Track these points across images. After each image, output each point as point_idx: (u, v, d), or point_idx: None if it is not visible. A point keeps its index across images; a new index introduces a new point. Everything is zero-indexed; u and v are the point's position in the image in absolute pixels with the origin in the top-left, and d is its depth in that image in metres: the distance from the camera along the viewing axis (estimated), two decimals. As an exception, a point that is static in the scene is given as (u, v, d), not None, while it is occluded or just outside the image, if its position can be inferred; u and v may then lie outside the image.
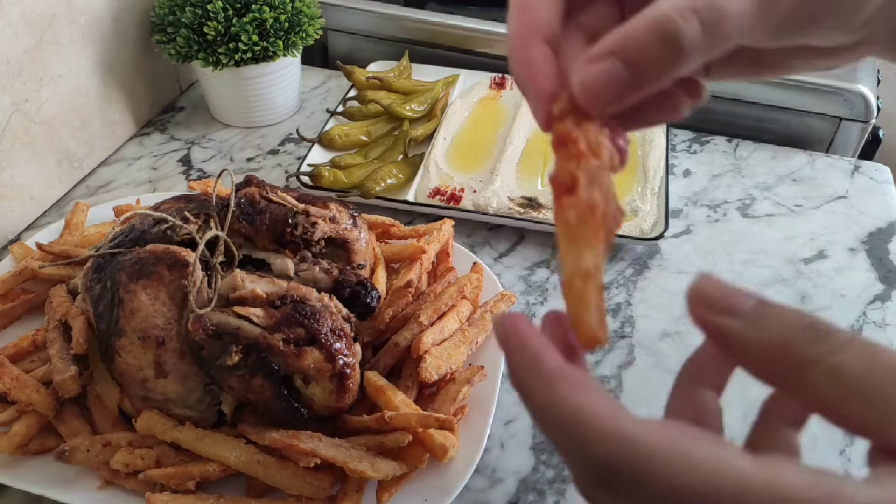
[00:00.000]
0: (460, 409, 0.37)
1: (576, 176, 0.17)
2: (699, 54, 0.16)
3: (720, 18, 0.15)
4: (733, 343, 0.15)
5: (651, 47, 0.16)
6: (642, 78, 0.16)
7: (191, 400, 0.36)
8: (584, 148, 0.17)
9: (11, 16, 0.48)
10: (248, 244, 0.39)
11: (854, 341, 0.15)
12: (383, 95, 0.63)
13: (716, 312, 0.15)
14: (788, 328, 0.15)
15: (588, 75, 0.16)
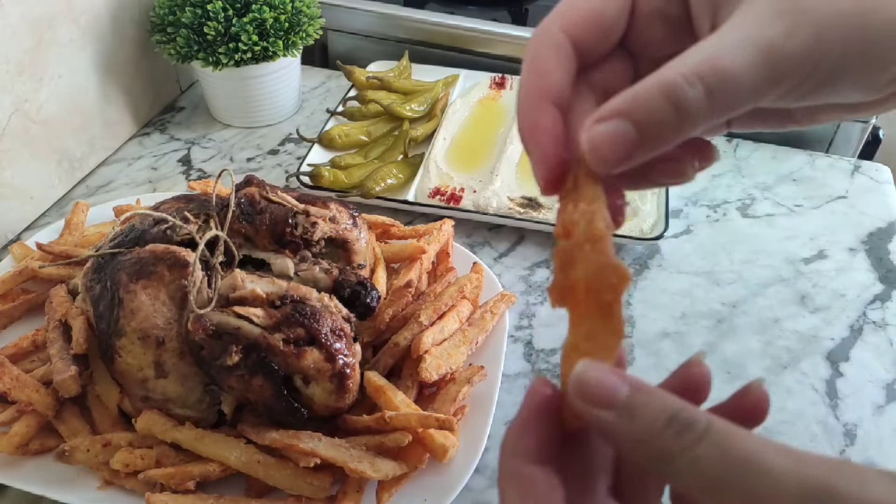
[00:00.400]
0: (460, 409, 0.37)
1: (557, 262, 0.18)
2: (706, 118, 0.16)
3: (725, 85, 0.16)
4: (608, 434, 0.16)
5: (658, 110, 0.16)
6: (650, 139, 0.16)
7: (191, 400, 0.36)
8: (560, 231, 0.18)
9: (11, 16, 0.48)
10: (248, 244, 0.39)
11: (709, 432, 0.15)
12: (383, 95, 0.63)
13: (592, 404, 0.16)
14: (654, 421, 0.15)
15: (597, 134, 0.16)
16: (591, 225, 0.17)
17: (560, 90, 0.18)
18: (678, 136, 0.17)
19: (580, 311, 0.17)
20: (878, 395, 0.44)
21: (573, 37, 0.18)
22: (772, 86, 0.16)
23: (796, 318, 0.48)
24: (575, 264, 0.17)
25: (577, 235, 0.17)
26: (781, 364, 0.45)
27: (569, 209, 0.17)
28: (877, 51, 0.17)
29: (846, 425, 0.42)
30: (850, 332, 0.48)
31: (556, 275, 0.17)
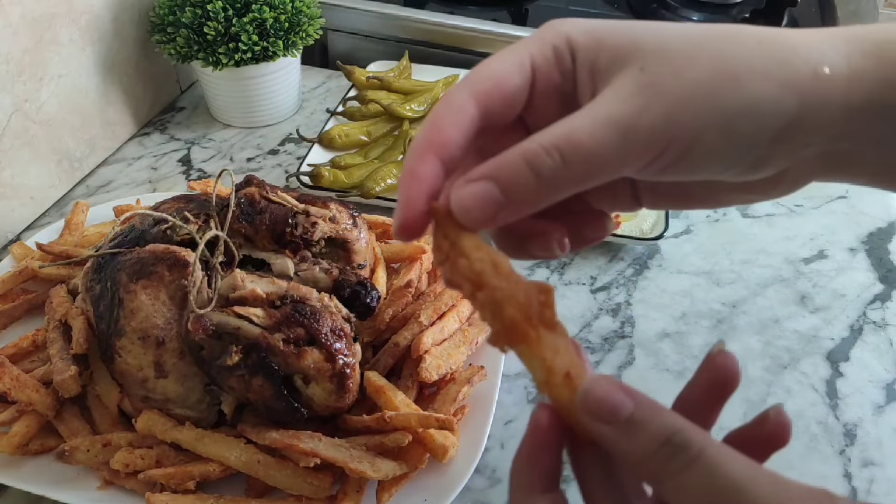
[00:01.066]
0: (460, 409, 0.37)
1: (482, 318, 0.18)
2: (565, 185, 0.18)
3: (580, 156, 0.17)
4: (608, 447, 0.17)
5: (520, 175, 0.17)
6: (513, 201, 0.18)
7: (191, 400, 0.36)
8: (469, 289, 0.18)
9: (11, 16, 0.48)
10: (248, 244, 0.39)
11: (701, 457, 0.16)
12: (383, 95, 0.63)
13: (596, 419, 0.17)
14: (651, 441, 0.16)
15: (465, 193, 0.18)
16: (497, 264, 0.18)
17: (446, 145, 0.18)
18: (540, 199, 0.18)
19: (531, 340, 0.17)
20: (878, 395, 0.44)
21: (478, 101, 0.19)
22: (627, 158, 0.17)
23: (796, 318, 0.48)
24: (503, 306, 0.18)
25: (489, 280, 0.18)
26: (781, 364, 0.45)
27: (462, 266, 0.18)
28: (736, 129, 0.17)
29: (846, 425, 0.42)
30: (850, 332, 0.47)
31: (493, 325, 0.18)
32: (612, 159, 0.17)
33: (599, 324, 0.47)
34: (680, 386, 0.20)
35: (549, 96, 0.20)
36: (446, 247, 0.18)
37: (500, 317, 0.17)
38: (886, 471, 0.39)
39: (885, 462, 0.40)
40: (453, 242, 0.18)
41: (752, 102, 0.17)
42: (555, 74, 0.19)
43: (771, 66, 0.17)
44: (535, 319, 0.17)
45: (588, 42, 0.19)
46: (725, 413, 0.20)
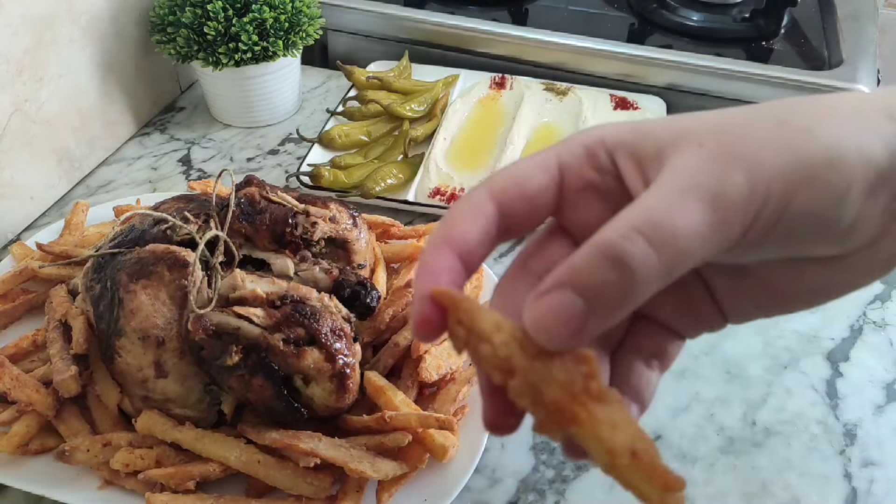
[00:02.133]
0: (460, 409, 0.37)
1: (522, 407, 0.16)
2: (655, 276, 0.15)
3: (666, 235, 0.15)
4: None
5: (602, 272, 0.15)
6: (599, 307, 0.15)
7: (191, 400, 0.36)
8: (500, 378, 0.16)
9: (12, 15, 0.48)
10: (248, 244, 0.39)
11: None
12: (383, 95, 0.63)
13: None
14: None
15: (540, 311, 0.15)
16: (523, 343, 0.15)
17: (463, 239, 0.17)
18: (630, 299, 0.15)
19: (583, 421, 0.15)
20: (878, 395, 0.44)
21: (496, 198, 0.17)
22: (720, 231, 0.15)
23: (796, 317, 0.48)
24: (541, 389, 0.15)
25: (519, 363, 0.15)
26: (781, 364, 0.45)
27: (485, 353, 0.16)
28: (824, 182, 0.15)
29: (846, 425, 0.42)
30: (850, 332, 0.47)
31: (535, 413, 0.15)
32: (703, 236, 0.15)
33: (599, 324, 0.47)
34: (679, 386, 0.20)
35: (584, 196, 0.18)
36: (463, 334, 0.16)
37: (542, 402, 0.15)
38: (886, 471, 0.39)
39: (886, 462, 0.40)
40: (469, 328, 0.16)
41: (834, 152, 0.15)
42: (587, 171, 0.18)
43: (841, 117, 0.16)
44: (581, 396, 0.15)
45: (626, 136, 0.17)
46: (726, 413, 0.19)
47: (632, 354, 0.20)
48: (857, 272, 0.18)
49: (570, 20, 0.73)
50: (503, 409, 0.17)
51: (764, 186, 0.15)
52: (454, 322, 0.16)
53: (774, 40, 0.71)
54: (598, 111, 0.63)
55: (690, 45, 0.68)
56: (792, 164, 0.15)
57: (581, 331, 0.15)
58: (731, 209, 0.15)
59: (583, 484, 0.37)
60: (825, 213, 0.16)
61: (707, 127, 0.16)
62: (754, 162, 0.15)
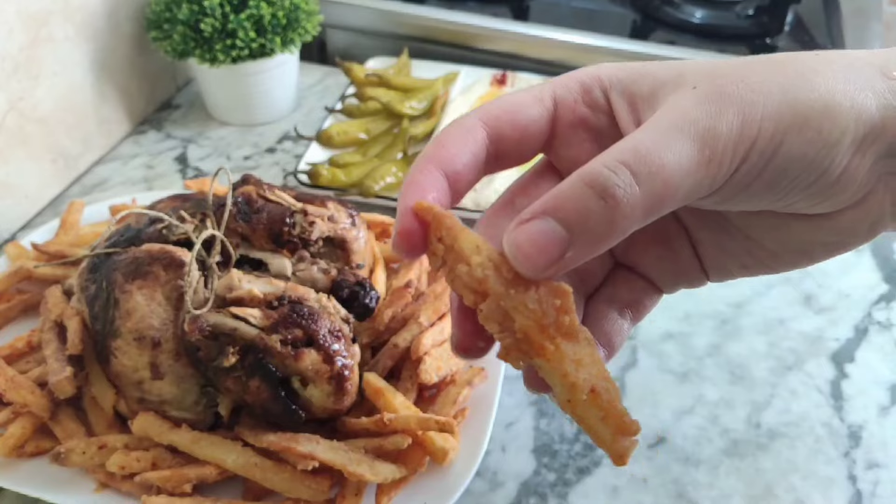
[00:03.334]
0: (461, 412, 0.37)
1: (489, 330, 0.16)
2: (640, 210, 0.15)
3: (653, 169, 0.15)
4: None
5: (585, 203, 0.15)
6: (582, 237, 0.15)
7: (187, 402, 0.35)
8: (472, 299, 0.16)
9: (7, 13, 0.47)
10: (245, 244, 0.39)
11: None
12: (382, 93, 0.62)
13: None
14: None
15: (521, 236, 0.15)
16: (500, 268, 0.15)
17: (451, 161, 0.17)
18: (612, 232, 0.15)
19: (549, 354, 0.15)
20: (884, 397, 0.43)
21: (487, 125, 0.17)
22: (708, 170, 0.15)
23: (801, 318, 0.48)
24: (512, 317, 0.15)
25: (494, 287, 0.15)
26: (786, 365, 0.45)
27: (461, 273, 0.16)
28: (817, 129, 0.15)
29: (851, 427, 0.41)
30: (856, 333, 0.47)
31: (502, 339, 0.16)
32: (690, 172, 0.15)
33: (601, 324, 0.47)
34: (683, 388, 0.20)
35: (575, 132, 0.18)
36: (441, 251, 0.16)
37: (510, 329, 0.15)
38: (892, 472, 0.39)
39: (890, 464, 0.39)
40: (449, 246, 0.16)
41: (828, 100, 0.15)
42: (581, 107, 0.18)
43: (837, 69, 0.16)
44: (551, 329, 0.15)
45: (622, 75, 0.17)
46: (730, 415, 0.19)
47: (607, 302, 0.20)
48: (842, 233, 0.18)
49: (571, 16, 0.73)
50: (473, 331, 0.17)
51: (756, 125, 0.15)
52: (434, 238, 0.16)
53: (778, 37, 0.70)
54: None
55: (693, 42, 0.67)
56: (786, 107, 0.15)
57: (559, 261, 0.15)
58: (720, 146, 0.15)
59: (585, 488, 0.37)
60: (815, 161, 0.16)
61: (703, 70, 0.16)
62: (748, 103, 0.15)
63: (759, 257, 0.19)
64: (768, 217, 0.18)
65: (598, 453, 0.39)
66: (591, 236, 0.15)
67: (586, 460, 0.38)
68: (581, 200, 0.15)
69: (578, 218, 0.15)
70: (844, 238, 0.18)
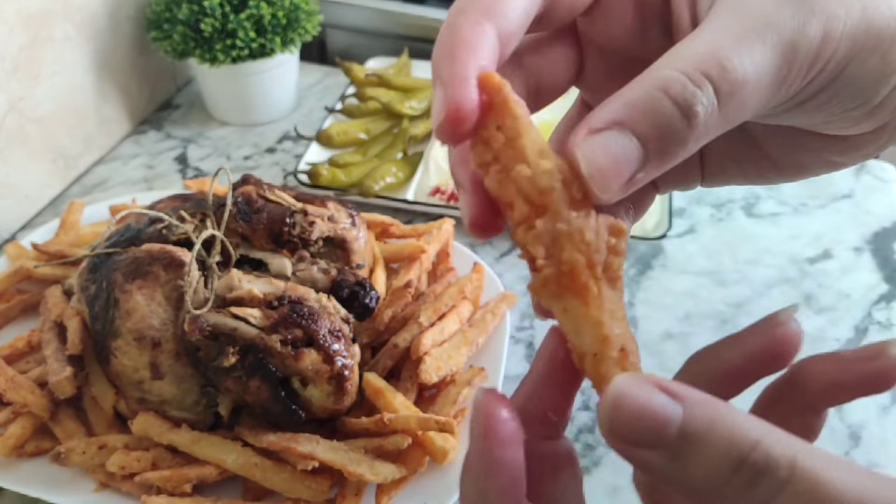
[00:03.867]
0: (461, 412, 0.37)
1: (532, 252, 0.13)
2: (716, 128, 0.13)
3: (736, 85, 0.13)
4: (658, 475, 0.13)
5: (666, 117, 0.13)
6: (658, 155, 0.13)
7: (187, 402, 0.35)
8: (525, 210, 0.13)
9: (7, 13, 0.47)
10: (245, 244, 0.39)
11: (793, 480, 0.11)
12: (382, 92, 0.62)
13: (633, 444, 0.12)
14: (717, 467, 0.12)
15: (597, 149, 0.13)
16: (569, 182, 0.13)
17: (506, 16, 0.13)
18: (686, 150, 0.13)
19: (590, 296, 0.13)
20: (883, 397, 0.43)
21: None
22: (787, 81, 0.14)
23: (801, 318, 0.47)
24: (562, 243, 0.13)
25: (556, 203, 0.13)
26: (786, 365, 0.45)
27: (520, 177, 0.13)
28: (880, 50, 0.14)
29: (851, 427, 0.41)
30: (856, 333, 0.47)
31: (542, 266, 0.13)
32: (765, 91, 0.13)
33: (601, 324, 0.47)
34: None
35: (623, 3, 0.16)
36: (499, 143, 0.13)
37: (558, 257, 0.13)
38: (892, 472, 0.39)
39: (891, 464, 0.39)
40: (510, 140, 0.13)
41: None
42: None
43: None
44: (598, 268, 0.13)
45: None
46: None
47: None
48: (850, 152, 0.17)
49: (571, 16, 0.72)
50: (489, 208, 0.14)
51: (834, 43, 0.14)
52: (493, 124, 0.13)
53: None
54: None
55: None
56: (864, 26, 0.14)
57: (632, 181, 0.13)
58: (797, 62, 0.14)
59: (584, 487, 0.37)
60: (872, 84, 0.15)
61: None
62: (832, 15, 0.14)
63: (761, 167, 0.18)
64: (788, 131, 0.17)
65: (598, 453, 0.39)
66: (664, 157, 0.13)
67: (586, 460, 0.38)
68: (663, 116, 0.13)
69: (659, 135, 0.13)
70: (850, 157, 0.17)
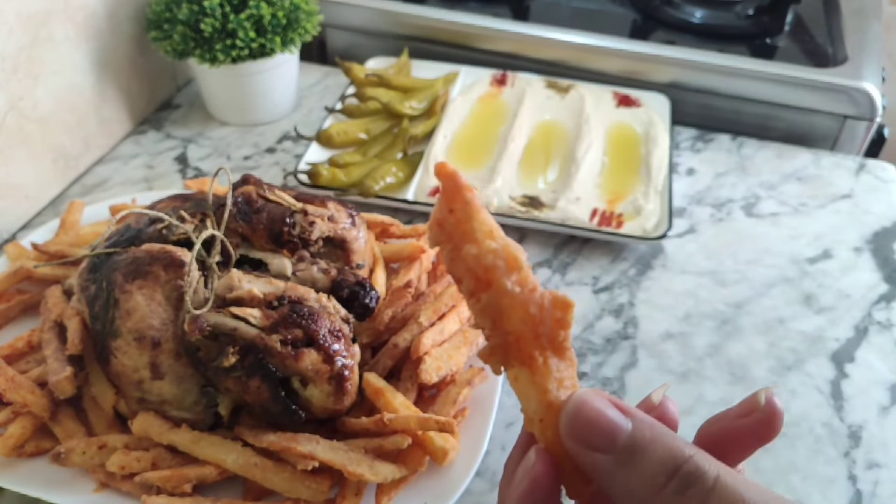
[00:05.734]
0: (461, 412, 0.37)
1: (479, 324, 0.15)
2: None
3: None
4: (603, 478, 0.14)
5: None
6: None
7: (187, 402, 0.35)
8: (472, 286, 0.15)
9: (7, 13, 0.47)
10: (245, 244, 0.39)
11: (716, 491, 0.13)
12: (382, 93, 0.62)
13: (587, 446, 0.14)
14: (655, 474, 0.14)
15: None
16: (513, 262, 0.14)
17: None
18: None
19: (535, 366, 0.14)
20: (884, 397, 0.43)
21: None
22: None
23: (801, 318, 0.48)
24: (508, 316, 0.14)
25: (500, 281, 0.14)
26: (786, 365, 0.45)
27: (468, 256, 0.14)
28: None
29: (851, 427, 0.41)
30: (856, 333, 0.47)
31: (490, 337, 0.15)
32: None
33: (602, 325, 0.47)
34: (683, 388, 0.19)
35: None
36: (450, 224, 0.14)
37: (502, 329, 0.14)
38: (892, 472, 0.39)
39: (891, 464, 0.39)
40: (461, 221, 0.14)
41: None
42: None
43: None
44: (544, 340, 0.14)
45: None
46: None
47: None
48: None
49: (571, 16, 0.73)
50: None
51: None
52: (446, 208, 0.14)
53: (778, 37, 0.70)
54: (600, 108, 0.63)
55: (694, 42, 0.67)
56: None
57: None
58: None
59: None
60: None
61: None
62: None
63: None
64: None
65: (598, 453, 0.39)
66: None
67: None
68: None
69: None
70: None
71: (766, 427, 0.16)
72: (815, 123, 0.64)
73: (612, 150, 0.59)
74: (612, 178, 0.56)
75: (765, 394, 0.16)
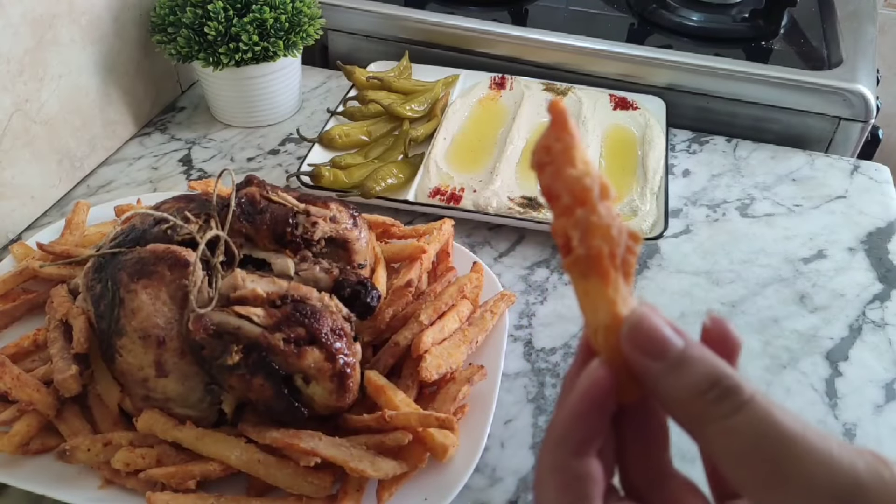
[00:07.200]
0: (460, 409, 0.37)
1: (568, 234, 0.18)
2: None
3: None
4: (651, 384, 0.16)
5: None
6: None
7: (191, 399, 0.36)
8: (568, 202, 0.18)
9: (12, 16, 0.48)
10: (248, 244, 0.39)
11: (749, 405, 0.15)
12: (383, 95, 0.63)
13: (643, 352, 0.16)
14: (697, 382, 0.16)
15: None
16: (606, 190, 0.17)
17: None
18: None
19: (608, 279, 0.17)
20: (878, 395, 0.44)
21: None
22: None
23: (796, 317, 0.49)
24: (594, 233, 0.17)
25: (593, 201, 0.17)
26: (781, 364, 0.45)
27: (568, 176, 0.17)
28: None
29: (845, 425, 0.42)
30: (850, 332, 0.48)
31: (578, 249, 0.17)
32: None
33: (599, 323, 0.47)
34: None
35: None
36: (557, 149, 0.18)
37: (588, 243, 0.17)
38: (885, 470, 0.39)
39: (884, 461, 0.40)
40: (566, 148, 0.18)
41: None
42: None
43: None
44: (618, 260, 0.17)
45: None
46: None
47: None
48: None
49: (569, 20, 0.73)
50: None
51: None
52: (554, 136, 0.18)
53: (774, 40, 0.71)
54: (597, 111, 0.63)
55: (690, 45, 0.68)
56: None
57: None
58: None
59: None
60: None
61: None
62: None
63: None
64: None
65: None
66: None
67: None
68: None
69: None
70: None
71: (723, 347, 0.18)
72: (809, 125, 0.65)
73: (608, 152, 0.60)
74: (609, 180, 0.57)
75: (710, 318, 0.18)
